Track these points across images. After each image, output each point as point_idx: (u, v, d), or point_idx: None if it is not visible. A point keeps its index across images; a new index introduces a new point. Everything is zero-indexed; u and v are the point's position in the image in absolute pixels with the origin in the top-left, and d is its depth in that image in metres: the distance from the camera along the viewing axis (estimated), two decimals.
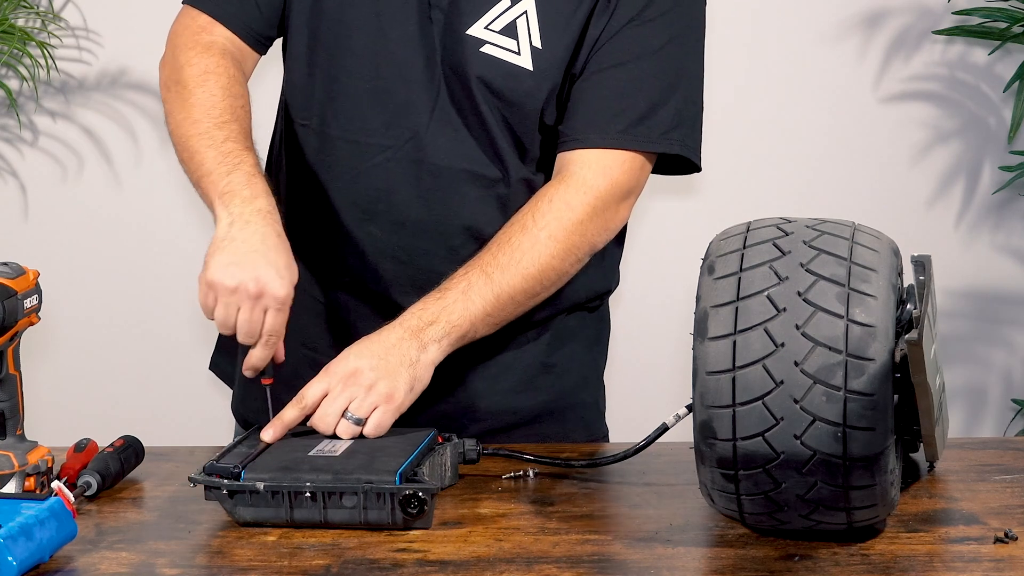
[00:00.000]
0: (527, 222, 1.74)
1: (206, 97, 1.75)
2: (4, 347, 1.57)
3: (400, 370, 1.64)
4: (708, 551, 1.44)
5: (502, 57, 1.77)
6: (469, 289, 1.70)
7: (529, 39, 1.77)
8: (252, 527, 1.49)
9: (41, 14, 3.08)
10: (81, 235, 3.16)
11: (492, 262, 1.72)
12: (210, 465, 1.52)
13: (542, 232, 1.73)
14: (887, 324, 1.35)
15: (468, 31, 1.77)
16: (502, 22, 1.78)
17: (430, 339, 1.67)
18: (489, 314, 1.71)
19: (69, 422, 2.59)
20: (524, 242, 1.73)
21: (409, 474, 1.50)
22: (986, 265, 3.19)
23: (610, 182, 1.77)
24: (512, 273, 1.72)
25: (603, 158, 1.77)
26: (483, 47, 1.77)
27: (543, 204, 1.75)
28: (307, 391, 1.64)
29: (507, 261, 1.72)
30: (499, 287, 1.71)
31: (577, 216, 1.75)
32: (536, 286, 1.74)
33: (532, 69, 1.77)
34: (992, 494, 1.58)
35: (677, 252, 2.96)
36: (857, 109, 3.13)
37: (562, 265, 1.75)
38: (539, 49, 1.77)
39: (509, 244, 1.73)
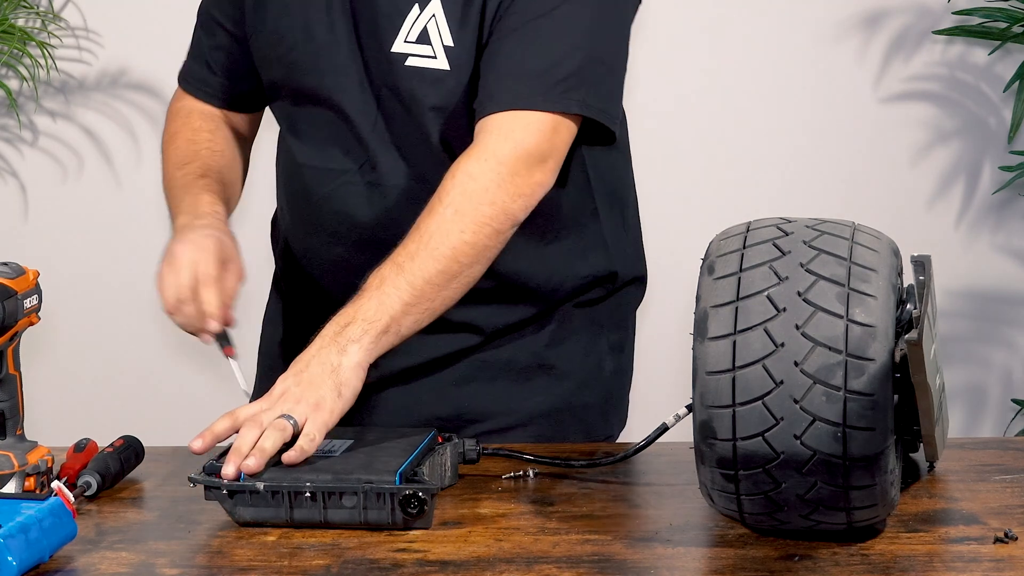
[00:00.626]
0: (434, 204, 1.71)
1: (172, 151, 1.95)
2: (4, 347, 1.57)
3: (323, 379, 1.61)
4: (708, 551, 1.44)
5: (423, 65, 1.78)
6: (383, 284, 1.67)
7: (441, 40, 1.78)
8: (252, 527, 1.49)
9: (41, 14, 3.08)
10: (81, 235, 3.16)
11: (402, 252, 1.69)
12: (210, 465, 1.52)
13: (448, 209, 1.69)
14: (887, 324, 1.35)
15: (392, 49, 1.79)
16: (416, 31, 1.78)
17: (348, 340, 1.63)
18: (409, 303, 1.67)
19: (69, 422, 2.59)
20: (431, 224, 1.69)
21: (409, 474, 1.50)
22: (986, 265, 3.19)
23: (513, 145, 1.71)
24: (423, 258, 1.68)
25: (503, 122, 1.73)
26: (407, 61, 1.78)
27: (448, 181, 1.72)
28: (239, 410, 1.62)
29: (416, 248, 1.69)
30: (412, 275, 1.67)
31: (481, 185, 1.70)
32: (453, 266, 1.69)
33: (449, 68, 1.77)
34: (992, 494, 1.58)
35: (677, 252, 2.96)
36: (857, 109, 3.13)
37: (476, 239, 1.70)
38: (451, 47, 1.77)
39: (418, 230, 1.70)
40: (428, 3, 1.77)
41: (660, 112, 3.09)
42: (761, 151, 3.15)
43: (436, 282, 1.68)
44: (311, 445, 1.56)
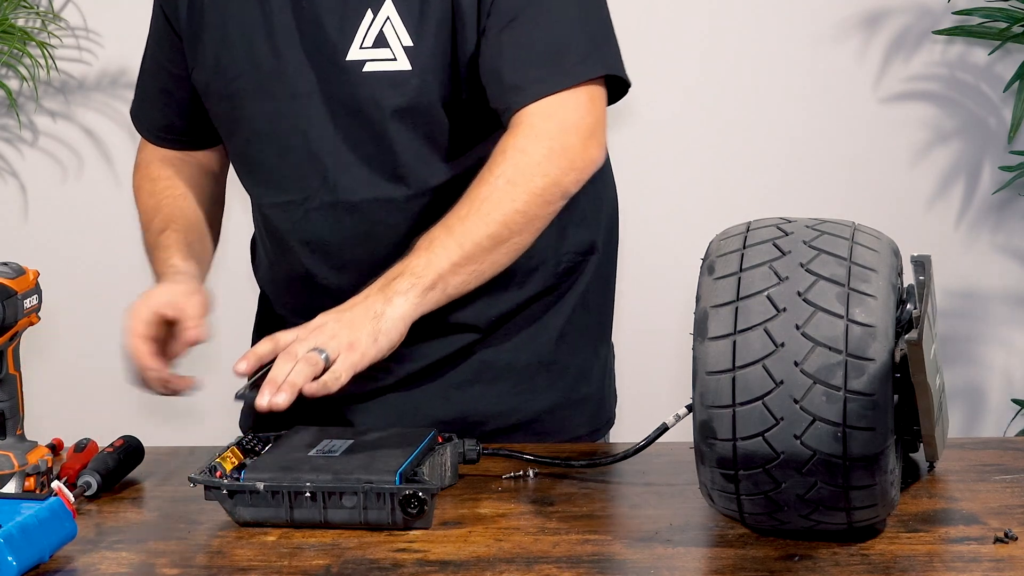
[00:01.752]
0: (484, 174, 1.72)
1: (139, 211, 1.98)
2: (4, 347, 1.57)
3: (363, 322, 1.63)
4: (708, 551, 1.44)
5: (382, 69, 1.77)
6: (432, 243, 1.69)
7: (399, 41, 1.77)
8: (252, 527, 1.49)
9: (41, 14, 3.08)
10: (81, 235, 3.16)
11: (453, 215, 1.70)
12: (245, 393, 1.55)
13: (500, 179, 1.70)
14: (887, 324, 1.35)
15: (348, 58, 1.78)
16: (371, 37, 1.78)
17: (395, 292, 1.65)
18: (457, 264, 1.68)
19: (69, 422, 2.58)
20: (483, 191, 1.70)
21: (409, 474, 1.50)
22: (986, 265, 3.19)
23: (559, 123, 1.74)
24: (474, 221, 1.69)
25: (542, 107, 1.74)
26: (364, 67, 1.78)
27: (497, 156, 1.73)
28: (280, 334, 1.64)
29: (467, 212, 1.70)
30: (462, 237, 1.68)
31: (533, 159, 1.71)
32: (503, 231, 1.70)
33: (411, 68, 1.77)
34: (992, 494, 1.58)
35: (677, 252, 2.97)
36: (857, 109, 3.13)
37: (528, 209, 1.71)
38: (411, 46, 1.77)
39: (468, 197, 1.71)
40: (381, 7, 1.77)
41: (660, 112, 3.10)
42: (761, 151, 3.15)
43: (485, 245, 1.70)
44: (335, 383, 1.58)
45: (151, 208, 1.94)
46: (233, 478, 1.52)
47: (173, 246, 1.87)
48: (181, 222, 1.91)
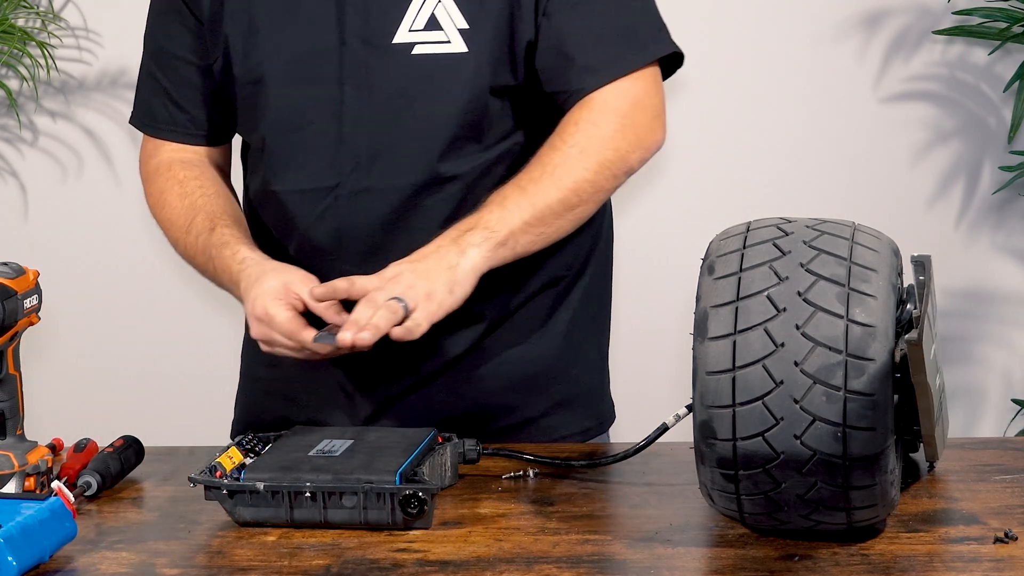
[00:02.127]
0: (555, 142, 1.75)
1: (169, 214, 1.88)
2: (4, 347, 1.57)
3: (438, 272, 1.65)
4: (708, 551, 1.44)
5: (436, 51, 1.77)
6: (505, 201, 1.71)
7: (453, 23, 1.77)
8: (252, 527, 1.49)
9: (41, 14, 3.08)
10: (81, 235, 3.16)
11: (525, 176, 1.73)
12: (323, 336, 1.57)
13: (572, 149, 1.74)
14: (887, 324, 1.35)
15: (394, 41, 1.78)
16: (422, 19, 1.78)
17: (468, 244, 1.67)
18: (528, 223, 1.71)
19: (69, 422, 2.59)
20: (555, 158, 1.74)
21: (409, 474, 1.50)
22: (986, 265, 3.19)
23: (631, 101, 1.78)
24: (546, 184, 1.72)
25: (615, 89, 1.78)
26: (414, 50, 1.77)
27: (570, 127, 1.76)
28: (357, 278, 1.65)
29: (539, 175, 1.72)
30: (535, 197, 1.72)
31: (604, 132, 1.75)
32: (572, 198, 1.74)
33: (468, 50, 1.77)
34: (992, 494, 1.58)
35: (677, 252, 2.97)
36: (857, 109, 3.13)
37: (596, 179, 1.75)
38: (467, 29, 1.77)
39: (540, 161, 1.74)
40: None
41: None
42: (761, 151, 3.14)
43: (555, 209, 1.72)
44: (417, 331, 1.61)
45: (187, 209, 1.87)
46: (233, 478, 1.52)
47: (233, 240, 1.80)
48: (227, 219, 1.85)
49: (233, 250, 1.78)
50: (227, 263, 1.78)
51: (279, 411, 1.89)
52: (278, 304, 1.67)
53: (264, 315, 1.68)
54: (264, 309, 1.68)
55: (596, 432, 1.94)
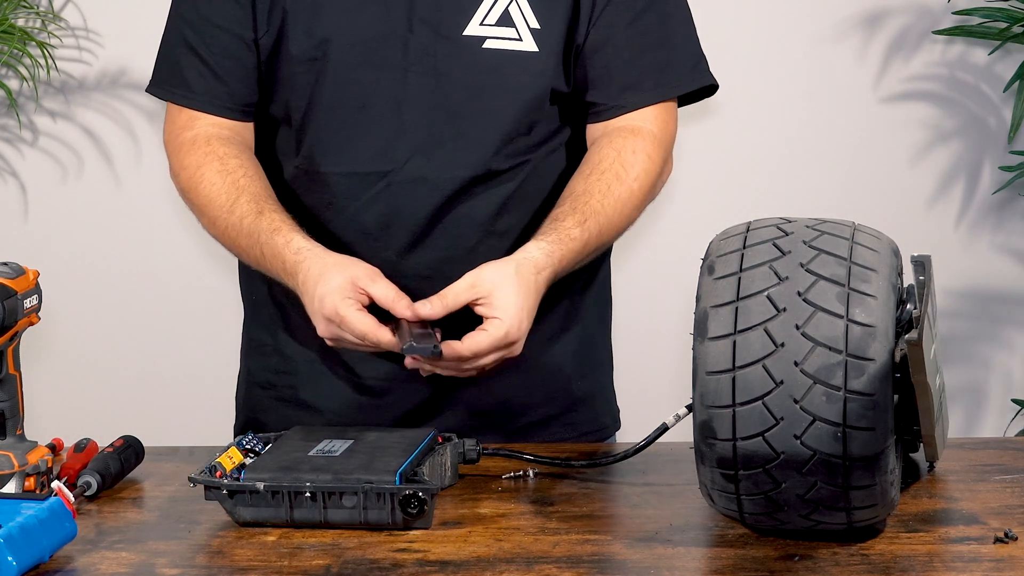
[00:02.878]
0: (619, 172, 1.78)
1: (208, 190, 1.80)
2: (4, 347, 1.57)
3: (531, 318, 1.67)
4: (708, 551, 1.44)
5: (507, 47, 1.78)
6: (586, 245, 1.74)
7: (526, 22, 1.78)
8: (252, 527, 1.49)
9: (41, 14, 3.08)
10: (81, 235, 3.16)
11: (600, 211, 1.75)
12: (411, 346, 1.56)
13: (635, 183, 1.78)
14: (887, 324, 1.35)
15: (464, 32, 1.78)
16: (495, 14, 1.78)
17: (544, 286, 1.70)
18: (586, 258, 1.77)
19: (69, 422, 2.59)
20: (623, 194, 1.77)
21: (409, 474, 1.50)
22: (986, 265, 3.18)
23: (670, 133, 1.84)
24: (615, 223, 1.77)
25: (658, 113, 1.83)
26: (485, 43, 1.78)
27: (628, 155, 1.79)
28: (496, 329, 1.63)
29: (612, 212, 1.76)
30: (601, 239, 1.76)
31: (657, 168, 1.81)
32: (618, 236, 1.81)
33: (538, 50, 1.79)
34: (992, 494, 1.58)
35: (677, 252, 2.96)
36: (857, 109, 3.13)
37: (639, 215, 1.81)
38: (538, 29, 1.79)
39: (611, 194, 1.76)
40: None
41: None
42: (761, 151, 3.14)
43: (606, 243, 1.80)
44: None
45: (230, 187, 1.79)
46: (233, 478, 1.51)
47: (285, 228, 1.75)
48: (273, 203, 1.79)
49: (287, 238, 1.73)
50: (280, 251, 1.73)
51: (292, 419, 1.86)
52: (348, 304, 1.64)
53: (334, 315, 1.65)
54: (334, 309, 1.65)
55: (613, 429, 1.96)
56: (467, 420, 1.84)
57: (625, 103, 1.81)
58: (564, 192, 1.79)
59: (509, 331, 1.62)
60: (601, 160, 1.78)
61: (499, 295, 1.63)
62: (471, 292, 1.64)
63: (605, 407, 1.97)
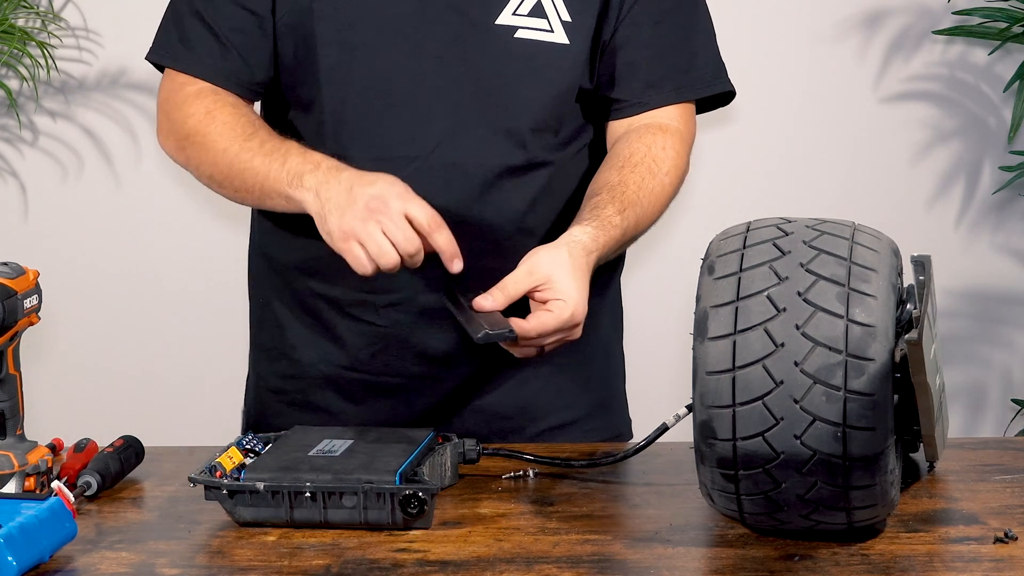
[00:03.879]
0: (651, 166, 1.79)
1: (220, 127, 1.77)
2: (4, 347, 1.57)
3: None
4: (708, 551, 1.44)
5: (539, 39, 1.79)
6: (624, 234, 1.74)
7: (558, 15, 1.79)
8: (252, 527, 1.49)
9: (41, 14, 3.08)
10: (81, 235, 3.16)
11: (637, 203, 1.75)
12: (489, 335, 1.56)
13: (666, 178, 1.80)
14: (887, 324, 1.35)
15: (497, 21, 1.78)
16: (528, 5, 1.79)
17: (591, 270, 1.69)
18: (617, 252, 1.78)
19: (69, 422, 2.59)
20: (656, 187, 1.78)
21: (409, 474, 1.50)
22: (986, 265, 3.18)
23: (692, 132, 1.87)
24: (648, 215, 1.78)
25: (682, 112, 1.86)
26: (516, 33, 1.78)
27: (659, 151, 1.80)
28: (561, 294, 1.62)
29: (648, 204, 1.77)
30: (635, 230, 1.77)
31: (684, 164, 1.84)
32: (648, 228, 1.81)
33: (568, 43, 1.79)
34: (992, 494, 1.58)
35: (677, 252, 2.96)
36: (857, 109, 3.13)
37: (665, 211, 1.83)
38: (569, 22, 1.80)
39: (645, 186, 1.77)
40: None
41: None
42: (761, 151, 3.14)
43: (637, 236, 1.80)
44: None
45: (245, 124, 1.76)
46: (233, 478, 1.51)
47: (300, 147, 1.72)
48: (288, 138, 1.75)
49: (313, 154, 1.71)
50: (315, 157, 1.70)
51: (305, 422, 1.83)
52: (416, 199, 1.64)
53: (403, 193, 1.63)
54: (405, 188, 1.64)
55: (627, 435, 1.97)
56: (483, 424, 1.83)
57: (649, 100, 1.83)
58: (596, 183, 1.78)
59: (575, 312, 1.63)
60: (632, 154, 1.79)
61: (558, 278, 1.63)
62: (529, 279, 1.63)
63: (620, 414, 1.98)
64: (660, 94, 1.84)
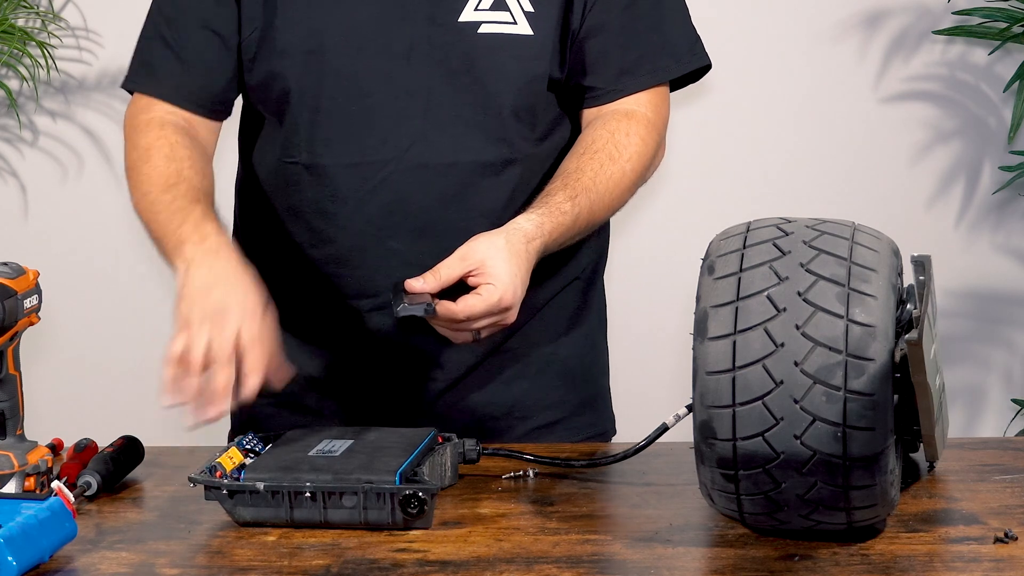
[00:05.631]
0: (612, 152, 1.78)
1: (150, 170, 1.79)
2: (4, 347, 1.57)
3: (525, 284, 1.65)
4: (708, 551, 1.44)
5: (503, 31, 1.78)
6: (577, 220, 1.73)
7: (520, 6, 1.79)
8: (252, 527, 1.49)
9: (41, 14, 3.08)
10: (81, 235, 3.16)
11: (592, 188, 1.74)
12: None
13: (627, 164, 1.78)
14: (887, 324, 1.35)
15: (460, 19, 1.77)
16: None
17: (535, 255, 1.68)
18: (577, 235, 1.76)
19: (69, 422, 2.58)
20: (615, 173, 1.77)
21: (409, 474, 1.50)
22: (986, 265, 3.19)
23: (663, 118, 1.85)
24: (606, 201, 1.77)
25: (651, 97, 1.84)
26: (480, 28, 1.78)
27: (622, 137, 1.79)
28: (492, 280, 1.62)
29: (605, 190, 1.76)
30: (592, 215, 1.76)
31: (650, 151, 1.82)
32: (610, 214, 1.80)
33: (533, 33, 1.79)
34: (992, 494, 1.58)
35: (677, 252, 2.96)
36: (857, 109, 3.13)
37: (632, 196, 1.82)
38: (532, 13, 1.79)
39: (603, 172, 1.76)
40: None
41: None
42: (761, 151, 3.15)
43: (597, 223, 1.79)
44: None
45: (172, 173, 1.76)
46: (233, 478, 1.51)
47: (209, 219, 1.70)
48: (208, 200, 1.75)
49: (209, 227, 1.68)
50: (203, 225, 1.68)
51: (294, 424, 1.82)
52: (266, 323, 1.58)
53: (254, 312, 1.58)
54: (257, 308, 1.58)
55: (612, 432, 1.97)
56: (471, 425, 1.83)
57: (623, 87, 1.82)
58: (557, 171, 1.79)
59: (503, 296, 1.61)
60: (595, 140, 1.78)
61: (491, 263, 1.63)
62: (463, 265, 1.63)
63: (605, 411, 1.98)
64: (635, 79, 1.82)
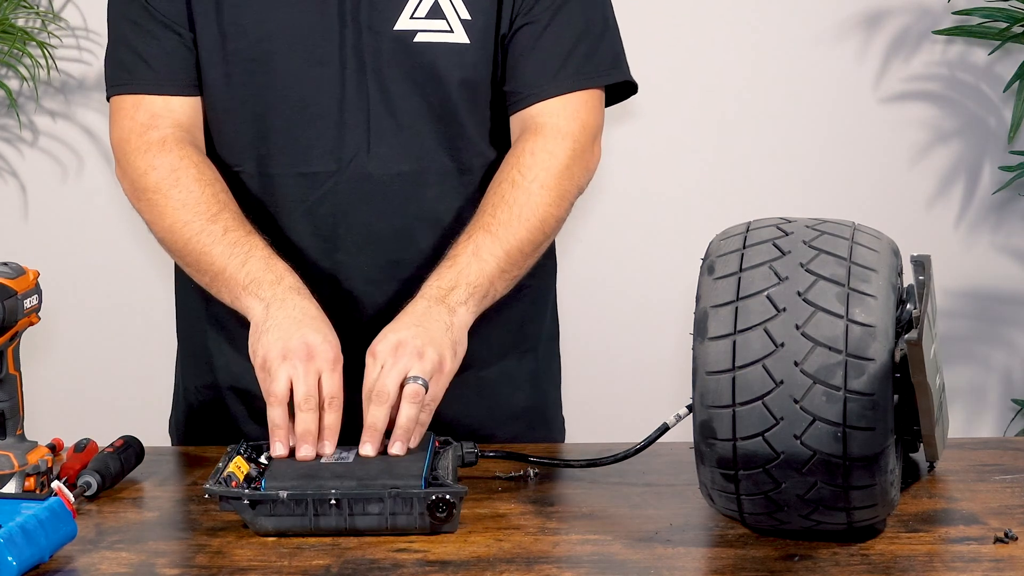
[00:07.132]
0: (515, 177, 1.75)
1: (185, 196, 1.74)
2: (4, 347, 1.57)
3: (442, 336, 1.61)
4: (708, 551, 1.44)
5: (439, 40, 1.77)
6: (479, 250, 1.69)
7: (456, 14, 1.78)
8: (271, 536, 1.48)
9: (41, 14, 3.08)
10: (81, 235, 3.16)
11: (492, 221, 1.72)
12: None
13: (533, 184, 1.74)
14: (887, 324, 1.35)
15: (395, 27, 1.77)
16: (425, 7, 1.78)
17: (456, 303, 1.65)
18: (504, 270, 1.71)
19: (69, 422, 2.59)
20: (519, 196, 1.73)
21: (431, 478, 1.50)
22: (986, 265, 3.18)
23: (581, 124, 1.79)
24: (516, 227, 1.72)
25: (568, 103, 1.80)
26: (415, 37, 1.77)
27: (526, 158, 1.76)
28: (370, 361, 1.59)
29: (507, 217, 1.72)
30: (507, 242, 1.71)
31: (562, 163, 1.76)
32: (539, 236, 1.75)
33: (469, 41, 1.78)
34: (992, 494, 1.58)
35: (677, 252, 2.96)
36: (857, 109, 3.13)
37: (558, 212, 1.76)
38: (469, 20, 1.78)
39: (504, 201, 1.73)
40: None
41: (660, 112, 3.09)
42: (761, 151, 3.14)
43: (526, 250, 1.73)
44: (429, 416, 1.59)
45: (210, 198, 1.74)
46: (252, 488, 1.49)
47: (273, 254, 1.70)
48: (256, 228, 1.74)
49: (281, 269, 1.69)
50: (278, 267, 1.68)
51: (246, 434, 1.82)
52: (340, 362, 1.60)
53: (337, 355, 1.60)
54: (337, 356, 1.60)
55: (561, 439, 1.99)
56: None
57: (539, 92, 1.79)
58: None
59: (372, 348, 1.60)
60: (500, 171, 1.77)
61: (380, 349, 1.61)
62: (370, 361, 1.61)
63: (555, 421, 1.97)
64: (552, 84, 1.79)
